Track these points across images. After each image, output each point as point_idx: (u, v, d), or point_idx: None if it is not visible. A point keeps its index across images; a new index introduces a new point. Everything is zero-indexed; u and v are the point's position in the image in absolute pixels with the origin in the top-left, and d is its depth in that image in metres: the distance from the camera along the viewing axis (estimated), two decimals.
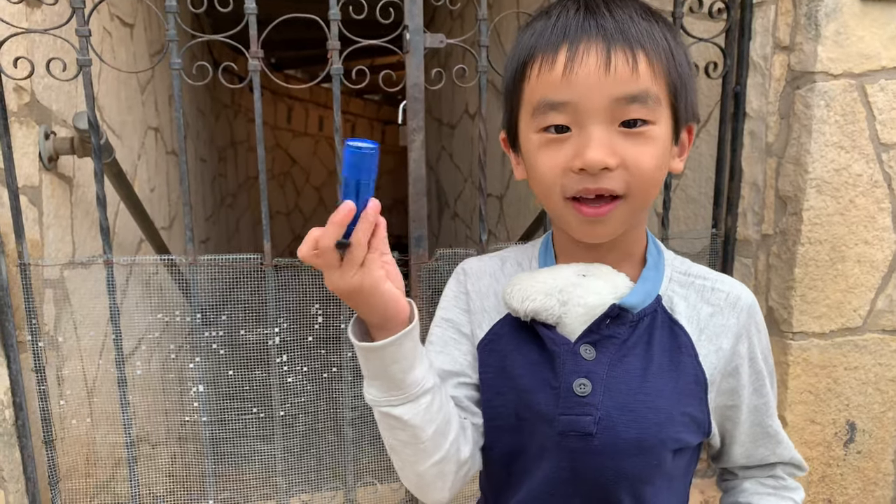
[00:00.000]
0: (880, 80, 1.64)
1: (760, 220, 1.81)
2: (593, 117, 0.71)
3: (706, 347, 0.80)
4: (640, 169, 0.72)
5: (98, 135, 1.49)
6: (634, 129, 0.71)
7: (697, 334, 0.80)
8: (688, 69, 0.76)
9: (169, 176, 3.39)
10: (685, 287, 0.83)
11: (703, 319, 0.81)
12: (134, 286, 2.24)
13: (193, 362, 1.62)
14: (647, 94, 0.71)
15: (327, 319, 1.65)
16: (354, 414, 1.69)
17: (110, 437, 1.85)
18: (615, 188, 0.72)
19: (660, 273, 0.83)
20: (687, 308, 0.81)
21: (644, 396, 0.77)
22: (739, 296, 0.82)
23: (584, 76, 0.70)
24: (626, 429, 0.76)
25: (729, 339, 0.80)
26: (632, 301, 0.79)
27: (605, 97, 0.70)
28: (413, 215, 1.64)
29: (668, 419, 0.77)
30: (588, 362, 0.78)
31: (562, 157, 0.73)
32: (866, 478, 1.86)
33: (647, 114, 0.71)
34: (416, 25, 1.57)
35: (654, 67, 0.71)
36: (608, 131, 0.71)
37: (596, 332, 0.78)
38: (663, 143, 0.74)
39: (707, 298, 0.82)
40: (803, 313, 1.72)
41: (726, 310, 0.81)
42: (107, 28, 2.36)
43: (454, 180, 5.05)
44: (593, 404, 0.77)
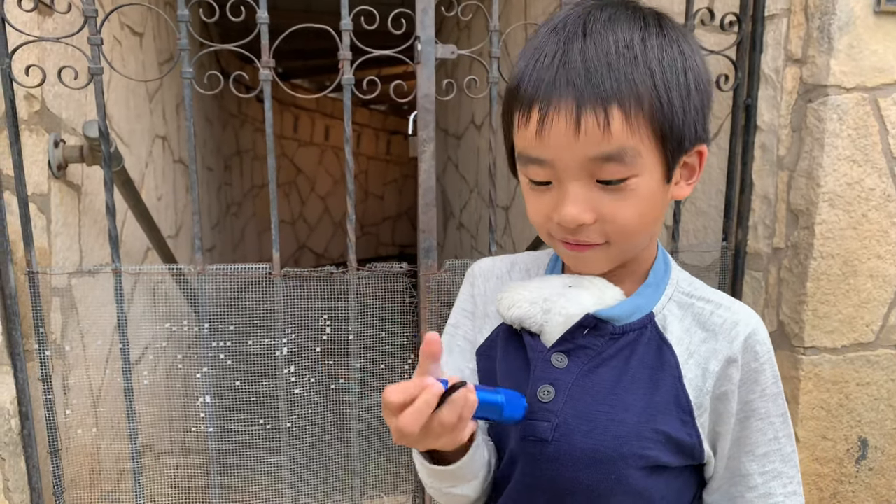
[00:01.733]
0: (893, 94, 1.63)
1: (772, 233, 1.80)
2: (569, 174, 0.70)
3: (693, 371, 0.77)
4: (618, 223, 0.72)
5: (108, 143, 1.49)
6: (612, 185, 0.70)
7: (686, 357, 0.78)
8: (686, 92, 0.70)
9: (176, 184, 3.39)
10: (683, 308, 0.81)
11: (694, 343, 0.79)
12: (140, 295, 2.23)
13: (200, 372, 1.61)
14: (622, 151, 0.68)
15: (335, 330, 1.64)
16: (362, 426, 1.68)
17: (115, 446, 1.84)
18: (594, 240, 0.73)
19: (659, 291, 0.81)
20: (680, 330, 0.79)
21: (608, 408, 0.76)
22: (737, 322, 0.78)
23: (556, 137, 0.68)
24: (583, 438, 0.75)
25: (718, 362, 0.77)
26: (613, 313, 0.78)
27: (579, 158, 0.69)
28: (422, 226, 1.63)
29: (632, 434, 0.75)
30: (557, 370, 0.78)
31: (545, 205, 0.74)
32: (878, 495, 1.84)
33: (625, 171, 0.69)
34: (428, 36, 1.57)
35: (630, 121, 0.67)
36: (586, 186, 0.71)
37: (570, 341, 0.79)
38: (648, 191, 0.71)
39: (703, 323, 0.79)
40: (815, 328, 1.71)
41: (720, 335, 0.78)
42: (117, 37, 2.36)
43: (460, 191, 5.05)
44: (553, 411, 0.77)
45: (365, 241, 9.60)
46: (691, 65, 0.72)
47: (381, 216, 10.04)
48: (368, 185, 9.67)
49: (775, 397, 0.79)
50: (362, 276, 1.62)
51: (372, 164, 9.72)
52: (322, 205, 8.89)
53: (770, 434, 0.79)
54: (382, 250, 9.90)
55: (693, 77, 0.72)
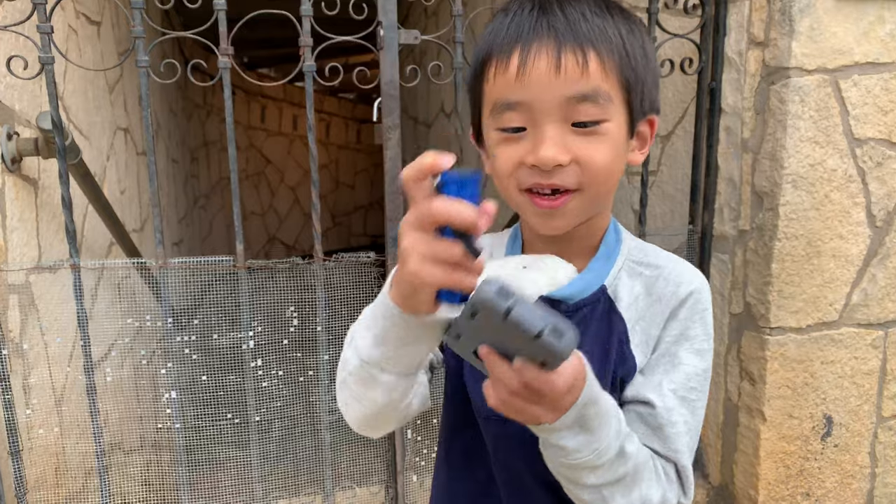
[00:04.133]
0: (853, 76, 1.65)
1: (737, 215, 1.81)
2: (546, 116, 0.72)
3: (639, 336, 0.80)
4: (594, 165, 0.73)
5: (62, 135, 1.45)
6: (586, 128, 0.73)
7: (634, 322, 0.80)
8: (644, 62, 0.76)
9: (140, 177, 3.32)
10: (632, 276, 0.83)
11: (641, 309, 0.81)
12: (104, 290, 2.19)
13: (165, 368, 1.58)
14: (597, 92, 0.72)
15: (303, 322, 1.62)
16: (332, 417, 1.66)
17: (81, 445, 1.80)
18: (568, 183, 0.74)
19: (610, 262, 0.83)
20: (629, 297, 0.81)
21: None
22: (679, 283, 0.80)
23: (536, 77, 0.71)
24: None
25: (659, 326, 0.80)
26: (565, 293, 0.80)
27: (557, 97, 0.71)
28: (389, 214, 1.62)
29: None
30: None
31: (517, 152, 0.75)
32: (843, 471, 1.88)
33: (599, 112, 0.72)
34: (391, 21, 1.55)
35: (605, 65, 0.72)
36: (561, 129, 0.73)
37: None
38: (617, 139, 0.75)
39: (650, 288, 0.81)
40: (780, 308, 1.73)
41: (663, 299, 0.80)
42: (72, 26, 2.29)
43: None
44: None
45: (336, 232, 9.53)
46: (648, 41, 0.78)
47: (352, 206, 9.97)
48: (339, 175, 9.58)
49: (702, 353, 0.80)
50: (329, 267, 1.60)
51: (342, 154, 9.63)
52: (292, 196, 8.80)
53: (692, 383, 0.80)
54: (354, 241, 9.84)
55: (650, 51, 0.77)
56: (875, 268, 1.77)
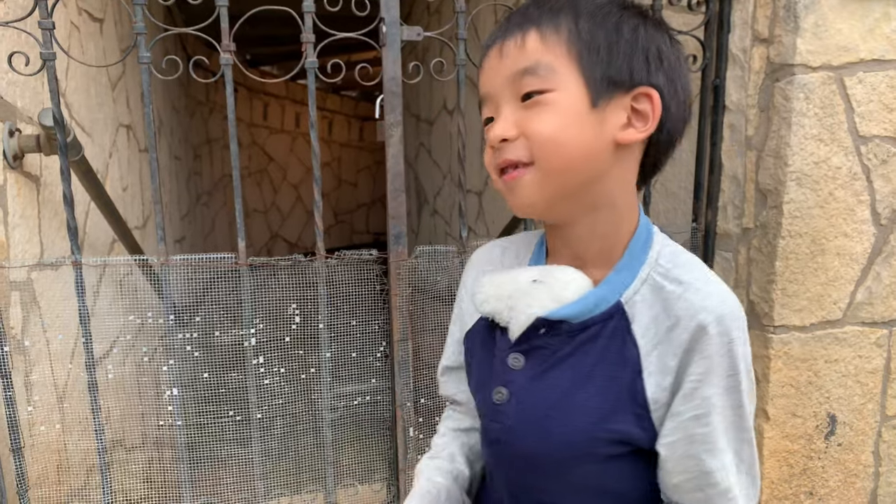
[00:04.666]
0: (858, 73, 1.64)
1: (741, 213, 1.80)
2: (500, 99, 0.77)
3: (654, 364, 0.72)
4: (538, 133, 0.74)
5: (64, 131, 1.44)
6: (531, 99, 0.75)
7: (650, 348, 0.73)
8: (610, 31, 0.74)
9: (142, 174, 3.32)
10: (655, 292, 0.74)
11: (660, 333, 0.73)
12: (107, 287, 2.19)
13: (167, 365, 1.58)
14: (536, 64, 0.74)
15: (305, 319, 1.62)
16: (334, 415, 1.66)
17: (83, 442, 1.80)
18: (519, 156, 0.75)
19: (632, 274, 0.76)
20: (648, 318, 0.74)
21: (558, 412, 0.75)
22: (702, 309, 0.71)
23: (489, 68, 0.79)
24: (531, 442, 0.76)
25: (676, 356, 0.72)
26: (565, 313, 0.76)
27: (502, 78, 0.76)
28: (392, 212, 1.61)
29: (582, 439, 0.73)
30: (512, 371, 0.79)
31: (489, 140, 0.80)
32: (847, 470, 1.87)
33: (541, 83, 0.74)
34: (393, 18, 1.54)
35: (544, 39, 0.74)
36: (513, 108, 0.76)
37: (526, 341, 0.78)
38: (565, 107, 0.73)
39: (670, 309, 0.73)
40: (784, 307, 1.72)
41: (682, 322, 0.71)
42: (74, 22, 2.29)
43: (433, 177, 5.02)
44: (506, 413, 0.79)
45: (339, 229, 9.53)
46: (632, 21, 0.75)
47: (354, 203, 9.97)
48: (341, 173, 9.58)
49: (734, 390, 0.71)
50: (331, 264, 1.60)
51: (344, 151, 9.63)
52: (294, 193, 8.80)
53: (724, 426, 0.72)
54: (356, 238, 9.84)
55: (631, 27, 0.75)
56: (880, 266, 1.76)
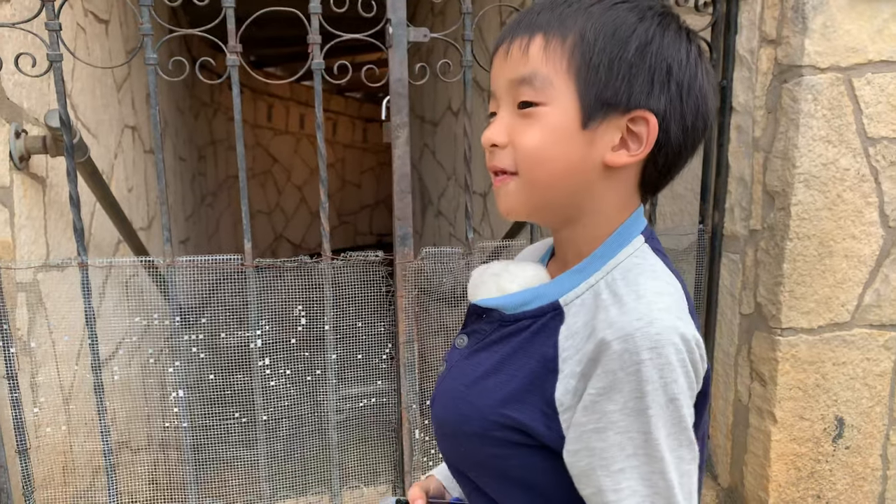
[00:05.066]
0: (867, 74, 1.64)
1: (748, 215, 1.80)
2: (502, 101, 0.77)
3: (570, 368, 0.71)
4: (522, 147, 0.74)
5: (70, 133, 1.44)
6: (525, 109, 0.74)
7: (572, 352, 0.71)
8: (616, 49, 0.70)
9: (147, 175, 3.32)
10: (594, 299, 0.73)
11: (581, 340, 0.71)
12: (112, 288, 2.19)
13: (173, 366, 1.58)
14: (534, 75, 0.73)
15: (311, 321, 1.61)
16: (339, 417, 1.65)
17: (88, 444, 1.80)
18: (505, 165, 0.76)
19: (582, 277, 0.75)
20: (581, 323, 0.73)
21: (468, 390, 0.80)
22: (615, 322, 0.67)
23: (495, 66, 0.78)
24: (440, 412, 0.83)
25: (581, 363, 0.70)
26: (495, 303, 0.82)
27: (504, 81, 0.76)
28: (398, 213, 1.61)
29: (475, 415, 0.77)
30: (456, 350, 0.86)
31: None
32: (855, 473, 1.86)
33: (535, 95, 0.73)
34: (399, 19, 1.54)
35: (548, 49, 0.72)
36: (510, 113, 0.76)
37: (469, 325, 0.86)
38: (554, 124, 0.73)
39: (597, 320, 0.70)
40: (791, 309, 1.71)
41: (596, 333, 0.69)
42: (80, 24, 2.30)
43: (437, 178, 5.02)
44: (438, 385, 0.87)
45: (342, 231, 9.53)
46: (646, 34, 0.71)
47: (358, 205, 9.97)
48: (345, 174, 9.59)
49: (640, 413, 0.66)
50: (337, 266, 1.60)
51: (348, 153, 9.63)
52: (298, 194, 8.81)
53: (629, 450, 0.68)
54: (360, 239, 9.84)
55: (640, 42, 0.70)
56: (888, 268, 1.75)
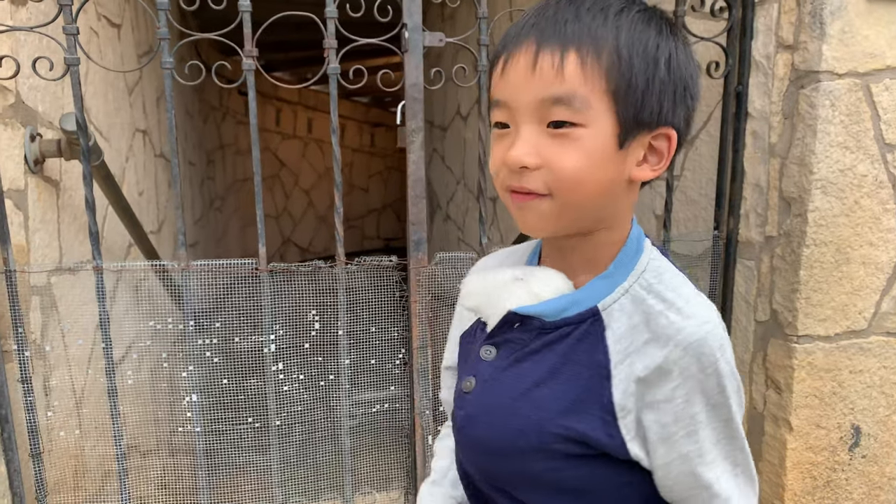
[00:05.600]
0: (885, 80, 1.62)
1: (764, 221, 1.78)
2: (523, 116, 0.72)
3: (625, 371, 0.72)
4: (561, 170, 0.70)
5: (86, 136, 1.44)
6: (559, 129, 0.70)
7: (622, 357, 0.73)
8: (650, 69, 0.70)
9: (157, 179, 3.33)
10: (636, 304, 0.75)
11: (635, 344, 0.73)
12: (123, 292, 2.19)
13: (186, 371, 1.57)
14: (572, 96, 0.69)
15: (324, 326, 1.61)
16: (352, 423, 1.65)
17: (99, 448, 1.79)
18: (535, 188, 0.72)
19: (614, 283, 0.76)
20: (625, 328, 0.74)
21: (516, 402, 0.76)
22: (682, 328, 0.71)
23: (514, 76, 0.72)
24: (485, 429, 0.78)
25: (647, 368, 0.71)
26: (536, 310, 0.78)
27: (532, 98, 0.71)
28: (412, 218, 1.60)
29: (532, 429, 0.74)
30: (483, 362, 0.81)
31: (501, 150, 0.75)
32: (871, 482, 1.84)
33: (572, 116, 0.70)
34: (415, 24, 1.53)
35: (585, 68, 0.69)
36: (536, 131, 0.71)
37: (499, 334, 0.81)
38: (593, 147, 0.70)
39: (650, 324, 0.73)
40: (808, 316, 1.70)
41: (661, 339, 0.71)
42: (94, 28, 2.30)
43: (446, 182, 5.01)
44: (469, 401, 0.81)
45: (350, 235, 9.53)
46: (668, 49, 0.72)
47: (365, 209, 9.98)
48: (353, 178, 9.60)
49: (722, 406, 0.72)
50: (351, 271, 1.59)
51: (356, 157, 9.64)
52: (306, 198, 8.82)
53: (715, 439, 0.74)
54: (368, 244, 9.84)
55: (666, 59, 0.71)
56: None
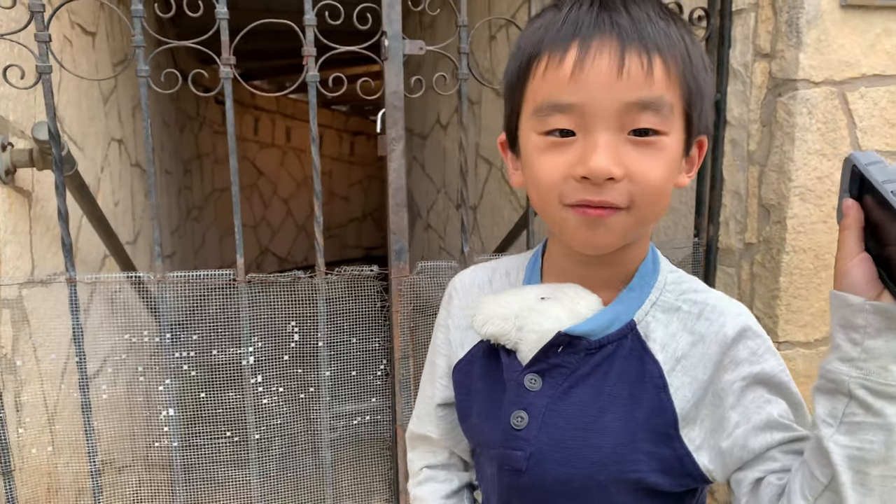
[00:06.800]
0: (860, 88, 1.64)
1: (743, 228, 1.79)
2: (601, 122, 0.65)
3: (679, 379, 0.72)
4: (648, 182, 0.66)
5: (59, 146, 1.41)
6: (645, 138, 0.66)
7: (672, 364, 0.72)
8: (705, 76, 0.70)
9: (133, 189, 3.28)
10: (668, 313, 0.74)
11: (681, 349, 0.72)
12: (98, 304, 2.14)
13: (163, 384, 1.54)
14: (661, 101, 0.65)
15: (304, 337, 1.58)
16: (333, 435, 1.62)
17: (73, 464, 1.75)
18: (618, 201, 0.66)
19: (643, 295, 0.75)
20: (665, 336, 0.73)
21: (584, 432, 0.72)
22: (724, 323, 0.72)
23: (595, 77, 0.64)
24: (557, 466, 0.72)
25: (708, 368, 0.71)
26: (586, 328, 0.73)
27: (617, 102, 0.64)
28: (393, 227, 1.59)
29: (610, 459, 0.71)
30: (530, 393, 0.74)
31: (563, 162, 0.67)
32: None
33: (660, 123, 0.66)
34: (395, 31, 1.53)
35: (669, 73, 0.66)
36: (616, 139, 0.65)
37: (544, 360, 0.74)
38: (674, 156, 0.68)
39: (690, 327, 0.73)
40: (788, 322, 1.71)
41: (708, 338, 0.72)
42: (67, 36, 2.26)
43: (426, 191, 5.00)
44: (527, 439, 0.74)
45: (330, 244, 9.44)
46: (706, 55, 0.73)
47: (346, 218, 9.94)
48: (333, 187, 9.56)
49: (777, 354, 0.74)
50: (331, 281, 1.57)
51: (336, 166, 9.61)
52: (285, 207, 8.76)
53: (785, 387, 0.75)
54: (348, 253, 9.80)
55: (709, 65, 0.72)
56: None
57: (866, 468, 0.60)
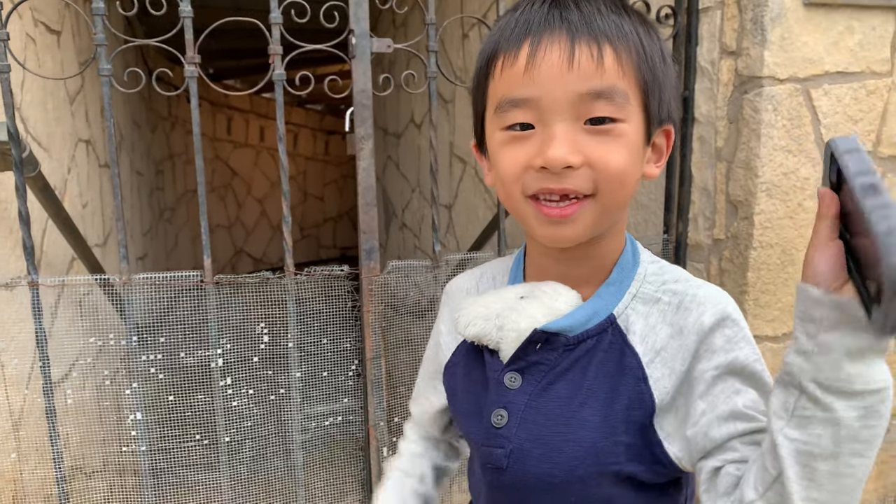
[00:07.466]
0: (824, 85, 1.66)
1: (712, 224, 1.81)
2: (557, 114, 0.67)
3: (660, 370, 0.72)
4: (608, 167, 0.67)
5: (19, 146, 1.38)
6: (601, 126, 0.67)
7: (652, 356, 0.72)
8: (662, 65, 0.71)
9: (103, 190, 3.23)
10: (648, 304, 0.74)
11: (660, 340, 0.72)
12: (65, 308, 2.10)
13: (130, 388, 1.52)
14: (614, 89, 0.66)
15: (273, 339, 1.57)
16: (304, 437, 1.61)
17: (39, 470, 1.72)
18: (581, 187, 0.67)
19: (623, 288, 0.75)
20: (645, 328, 0.73)
21: (564, 428, 0.72)
22: (702, 312, 0.71)
23: (547, 71, 0.66)
24: (537, 463, 0.73)
25: (686, 360, 0.71)
26: (563, 324, 0.74)
27: (569, 93, 0.66)
28: (363, 226, 1.58)
29: (588, 453, 0.71)
30: (510, 391, 0.75)
31: (524, 154, 0.69)
32: None
33: (615, 111, 0.67)
34: (363, 30, 1.52)
35: (621, 62, 0.67)
36: (573, 129, 0.67)
37: (522, 358, 0.75)
38: (633, 143, 0.69)
39: (669, 319, 0.73)
40: (756, 317, 1.73)
41: (686, 329, 0.71)
42: (30, 34, 2.22)
43: (401, 190, 5.00)
44: (507, 436, 0.75)
45: (305, 244, 9.43)
46: (665, 46, 0.74)
47: (321, 218, 9.89)
48: (307, 187, 9.50)
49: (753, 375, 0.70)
50: (300, 281, 1.56)
51: (310, 165, 9.55)
52: (259, 208, 8.69)
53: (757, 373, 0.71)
54: (324, 253, 9.75)
55: (668, 56, 0.73)
56: None
57: (814, 462, 0.59)
